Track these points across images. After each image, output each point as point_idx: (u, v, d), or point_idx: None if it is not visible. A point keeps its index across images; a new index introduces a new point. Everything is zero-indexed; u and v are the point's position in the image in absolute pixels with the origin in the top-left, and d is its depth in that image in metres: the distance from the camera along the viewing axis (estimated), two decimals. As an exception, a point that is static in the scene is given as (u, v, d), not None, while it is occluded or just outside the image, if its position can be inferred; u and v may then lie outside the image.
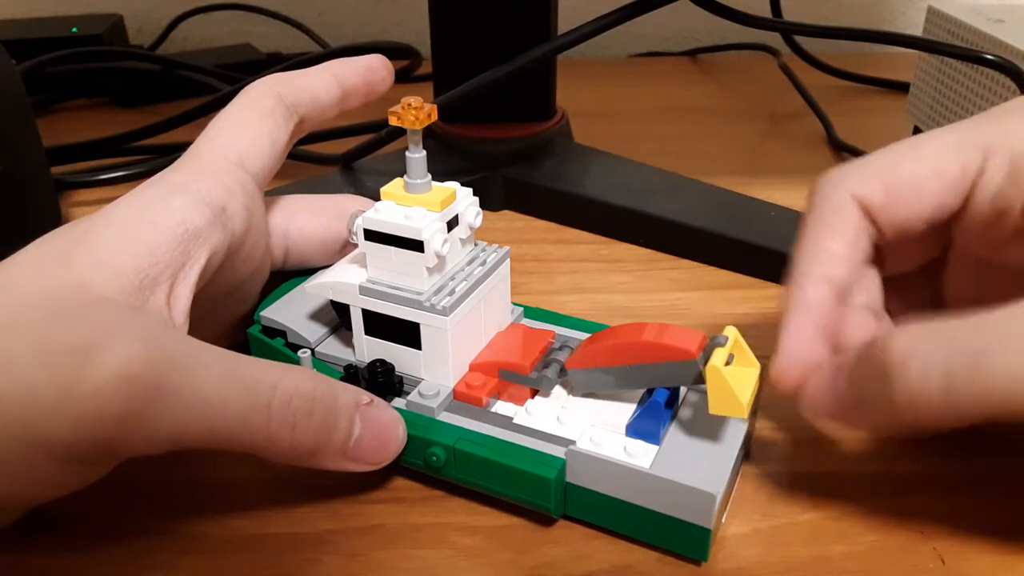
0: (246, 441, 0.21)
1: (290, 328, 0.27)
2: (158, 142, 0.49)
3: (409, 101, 0.24)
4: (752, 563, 0.23)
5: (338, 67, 0.29)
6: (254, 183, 0.26)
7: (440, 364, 0.25)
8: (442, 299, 0.24)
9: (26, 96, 0.37)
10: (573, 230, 0.42)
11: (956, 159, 0.24)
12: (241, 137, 0.27)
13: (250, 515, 0.24)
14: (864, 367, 0.21)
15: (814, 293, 0.24)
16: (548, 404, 0.25)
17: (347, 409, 0.23)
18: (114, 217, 0.23)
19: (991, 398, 0.19)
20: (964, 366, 0.19)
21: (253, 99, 0.28)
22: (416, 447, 0.24)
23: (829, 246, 0.24)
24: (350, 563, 0.23)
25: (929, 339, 0.19)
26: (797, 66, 0.60)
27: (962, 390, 0.19)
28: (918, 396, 0.19)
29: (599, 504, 0.23)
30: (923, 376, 0.19)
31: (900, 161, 0.24)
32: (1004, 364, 0.18)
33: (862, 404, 0.21)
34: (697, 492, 0.21)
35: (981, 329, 0.19)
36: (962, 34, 0.44)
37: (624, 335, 0.24)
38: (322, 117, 0.29)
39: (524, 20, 0.42)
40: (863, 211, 0.24)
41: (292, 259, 0.30)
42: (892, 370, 0.19)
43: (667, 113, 0.59)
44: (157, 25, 0.70)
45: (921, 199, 0.24)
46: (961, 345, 0.19)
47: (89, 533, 0.24)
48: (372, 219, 0.25)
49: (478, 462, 0.24)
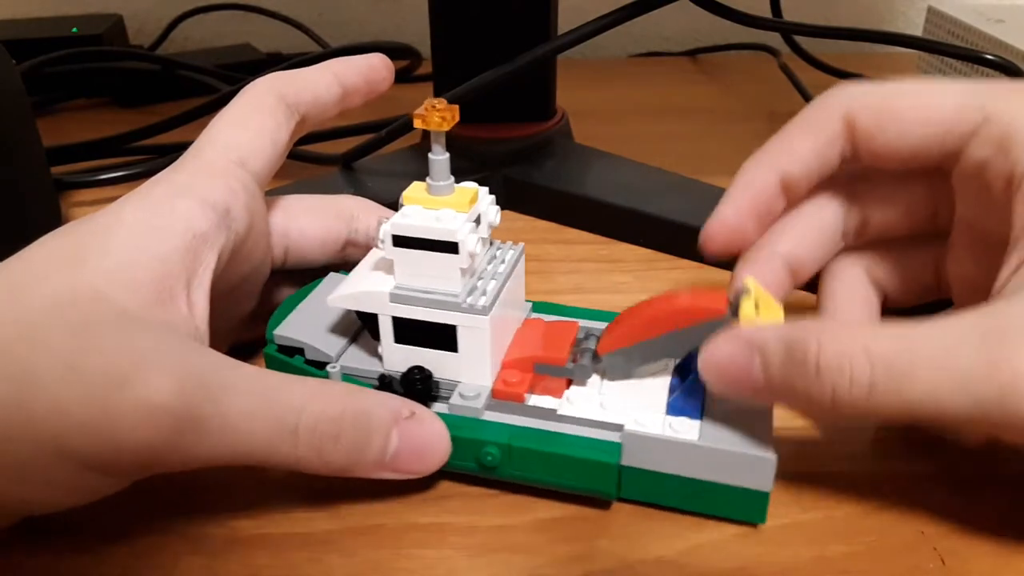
0: (276, 463, 0.22)
1: (308, 344, 0.26)
2: (158, 142, 0.49)
3: (433, 103, 0.24)
4: (752, 563, 0.23)
5: (339, 66, 0.29)
6: (255, 182, 0.26)
7: (478, 364, 0.25)
8: (478, 299, 0.24)
9: (26, 96, 0.37)
10: (573, 230, 0.42)
11: (953, 113, 0.24)
12: (242, 136, 0.27)
13: (250, 515, 0.24)
14: (793, 358, 0.21)
15: (760, 177, 0.25)
16: (587, 392, 0.26)
17: (382, 426, 0.23)
18: (123, 220, 0.23)
19: (904, 408, 0.20)
20: (888, 381, 0.20)
21: (254, 98, 0.28)
22: (465, 449, 0.24)
23: (794, 144, 0.25)
24: (350, 563, 0.23)
25: (859, 350, 0.20)
26: (797, 66, 0.60)
27: (882, 399, 0.20)
28: (842, 397, 0.20)
29: (655, 482, 0.24)
30: (850, 382, 0.20)
31: (899, 95, 0.24)
32: (923, 381, 0.20)
33: (785, 391, 0.22)
34: (757, 459, 0.22)
35: (907, 343, 0.20)
36: (962, 34, 0.44)
37: (648, 309, 0.25)
38: (323, 116, 0.29)
39: (524, 20, 0.42)
40: (848, 128, 0.25)
41: (292, 258, 0.30)
42: (823, 373, 0.20)
43: (667, 113, 0.59)
44: (157, 25, 0.70)
45: (904, 137, 0.24)
46: (889, 361, 0.20)
47: (89, 533, 0.24)
48: (401, 224, 0.24)
49: (536, 456, 0.24)
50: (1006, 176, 0.23)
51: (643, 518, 0.24)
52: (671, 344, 0.25)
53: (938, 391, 0.20)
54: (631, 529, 0.24)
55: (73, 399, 0.20)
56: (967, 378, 0.19)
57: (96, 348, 0.20)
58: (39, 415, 0.20)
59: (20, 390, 0.20)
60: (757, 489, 0.23)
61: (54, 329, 0.20)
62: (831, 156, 0.25)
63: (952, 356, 0.20)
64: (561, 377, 0.26)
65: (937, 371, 0.20)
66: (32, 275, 0.22)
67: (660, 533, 0.24)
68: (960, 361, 0.20)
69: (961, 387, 0.19)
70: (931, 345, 0.20)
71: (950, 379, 0.20)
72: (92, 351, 0.20)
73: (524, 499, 0.25)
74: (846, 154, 0.25)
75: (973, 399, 0.19)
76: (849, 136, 0.25)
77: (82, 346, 0.20)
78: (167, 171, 0.25)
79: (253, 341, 0.30)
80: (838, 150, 0.25)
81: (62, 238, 0.23)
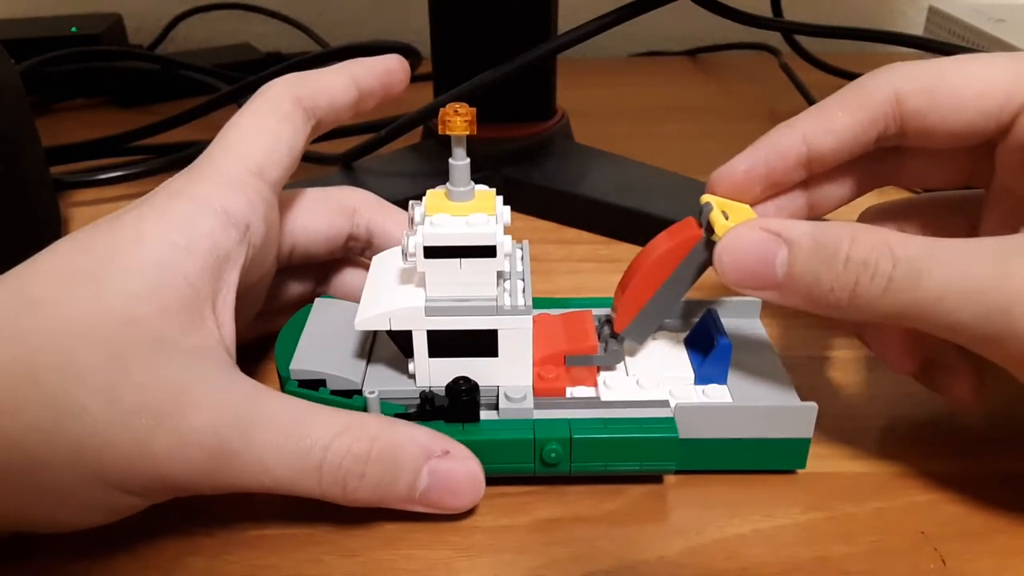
0: (301, 494, 0.22)
1: (329, 375, 0.25)
2: (157, 142, 0.49)
3: (456, 107, 0.24)
4: (752, 563, 0.23)
5: (356, 68, 0.29)
6: (272, 192, 0.26)
7: (519, 365, 0.25)
8: (516, 299, 0.24)
9: (25, 96, 0.37)
10: (573, 230, 0.42)
11: (1008, 84, 0.24)
12: (260, 144, 0.26)
13: (250, 515, 0.24)
14: (824, 252, 0.22)
15: (786, 143, 0.25)
16: (618, 375, 0.27)
17: (413, 463, 0.23)
18: (144, 236, 0.23)
19: (912, 309, 0.21)
20: (903, 279, 0.21)
21: (271, 101, 0.27)
22: (524, 451, 0.24)
23: (833, 118, 0.25)
24: (350, 563, 0.23)
25: (885, 248, 0.21)
26: (798, 66, 0.60)
27: (894, 296, 0.21)
28: (861, 291, 0.21)
29: (708, 449, 0.25)
30: (872, 276, 0.21)
31: (950, 72, 0.24)
32: (937, 283, 0.20)
33: (807, 285, 0.22)
34: (800, 409, 0.24)
35: (929, 248, 0.21)
36: (963, 34, 0.44)
37: (636, 270, 0.26)
38: (337, 120, 0.29)
39: (524, 20, 0.42)
40: (897, 107, 0.24)
41: (298, 255, 0.30)
42: (850, 265, 0.21)
43: (667, 113, 0.59)
44: (156, 24, 0.70)
45: (960, 114, 0.24)
46: (909, 261, 0.21)
47: (89, 534, 0.24)
48: (434, 234, 0.23)
49: (599, 445, 0.24)
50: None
51: (643, 518, 0.24)
52: (672, 289, 0.26)
53: (949, 294, 0.20)
54: (631, 529, 0.24)
55: (112, 429, 0.20)
56: (978, 285, 0.20)
57: (133, 381, 0.21)
58: (79, 444, 0.20)
59: (58, 418, 0.20)
60: (800, 437, 0.24)
61: (88, 355, 0.21)
62: (869, 136, 0.25)
63: (967, 263, 0.20)
64: (592, 365, 0.26)
65: (951, 275, 0.20)
66: (54, 291, 0.21)
67: (660, 533, 0.24)
68: (974, 268, 0.20)
69: (972, 293, 0.20)
70: (950, 253, 0.21)
71: (962, 284, 0.20)
72: (129, 384, 0.21)
73: (524, 499, 0.25)
74: (888, 133, 0.25)
75: (981, 307, 0.20)
76: (898, 115, 0.24)
77: (119, 377, 0.20)
78: (184, 179, 0.25)
79: (252, 341, 0.30)
80: (879, 129, 0.25)
81: (79, 252, 0.22)
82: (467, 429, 0.25)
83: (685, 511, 0.25)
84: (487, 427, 0.25)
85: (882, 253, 0.21)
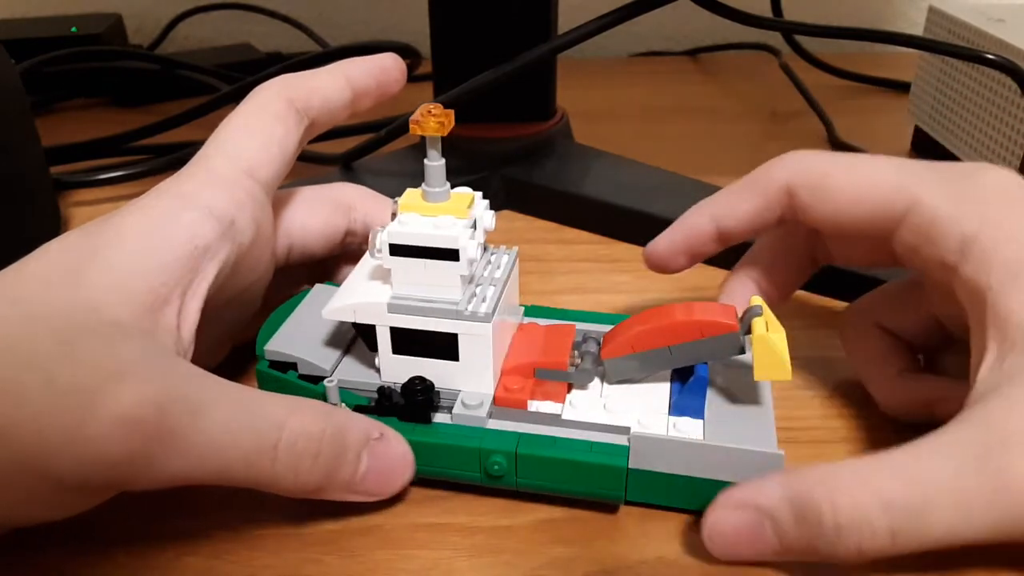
0: (250, 481, 0.22)
1: (300, 359, 0.26)
2: (157, 142, 0.49)
3: (429, 108, 0.23)
4: (752, 563, 0.23)
5: (350, 68, 0.28)
6: (263, 192, 0.26)
7: (480, 372, 0.25)
8: (479, 305, 0.24)
9: (25, 96, 0.37)
10: (573, 230, 0.42)
11: (883, 196, 0.25)
12: (251, 144, 0.26)
13: (250, 515, 0.24)
14: (808, 521, 0.21)
15: (698, 223, 0.28)
16: (589, 396, 0.26)
17: (356, 446, 0.23)
18: (124, 232, 0.23)
19: (929, 544, 0.20)
20: (905, 525, 0.20)
21: (263, 103, 0.27)
22: (470, 459, 0.24)
23: (736, 203, 0.27)
24: (350, 563, 0.23)
25: (873, 501, 0.20)
26: (798, 66, 0.60)
27: (905, 541, 0.20)
28: (868, 548, 0.20)
29: (663, 484, 0.23)
30: (872, 535, 0.20)
31: (835, 172, 0.26)
32: (937, 521, 0.20)
33: (807, 551, 0.21)
34: (766, 456, 0.23)
35: (917, 488, 0.20)
36: (963, 34, 0.44)
37: (658, 319, 0.25)
38: (333, 120, 0.29)
39: (524, 20, 0.42)
40: (788, 198, 0.26)
41: (296, 254, 0.30)
42: (844, 531, 0.20)
43: (667, 113, 0.59)
44: (156, 25, 0.70)
45: (838, 215, 0.25)
46: (901, 506, 0.20)
47: (90, 534, 0.24)
48: (399, 233, 0.24)
49: (544, 463, 0.24)
50: (938, 261, 0.24)
51: (643, 518, 0.24)
52: (678, 355, 0.25)
53: (956, 525, 0.20)
54: (631, 529, 0.24)
55: (49, 416, 0.19)
56: (978, 507, 0.20)
57: (75, 360, 0.20)
58: (16, 431, 0.19)
59: (1, 405, 0.19)
60: None
61: (39, 341, 0.20)
62: (769, 218, 0.27)
63: (959, 489, 0.20)
64: (562, 382, 0.26)
65: (949, 507, 0.20)
66: (32, 289, 0.21)
67: (660, 533, 0.24)
68: (968, 494, 0.20)
69: (976, 515, 0.20)
70: (937, 481, 0.20)
71: (964, 512, 0.20)
72: (70, 363, 0.20)
73: (524, 499, 0.25)
74: (787, 217, 0.27)
75: (991, 523, 0.20)
76: (789, 204, 0.26)
77: (62, 358, 0.20)
78: (173, 180, 0.25)
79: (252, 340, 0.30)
80: (776, 214, 0.27)
81: (62, 252, 0.23)
82: (418, 430, 0.24)
83: (691, 511, 0.24)
84: (437, 430, 0.24)
85: (871, 510, 0.20)
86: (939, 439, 0.21)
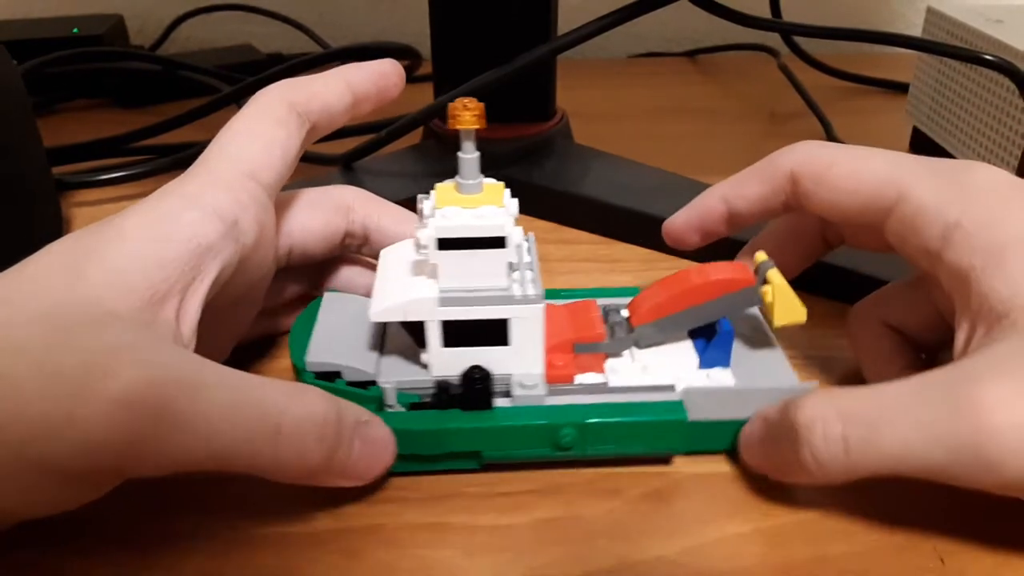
0: (250, 465, 0.21)
1: (345, 366, 0.26)
2: (159, 142, 0.49)
3: (464, 102, 0.24)
4: (752, 563, 0.23)
5: (350, 73, 0.29)
6: (266, 194, 0.26)
7: (530, 353, 0.26)
8: (527, 288, 0.25)
9: (27, 96, 0.37)
10: (573, 230, 0.42)
11: (874, 187, 0.25)
12: (253, 147, 0.26)
13: (250, 515, 0.24)
14: (780, 427, 0.23)
15: (711, 204, 0.30)
16: (624, 363, 0.27)
17: (350, 429, 0.23)
18: (126, 231, 0.23)
19: (884, 462, 0.21)
20: (859, 435, 0.21)
21: (265, 107, 0.27)
22: (539, 436, 0.25)
23: (747, 186, 0.29)
24: (350, 563, 0.23)
25: (831, 408, 0.22)
26: (797, 66, 0.60)
27: (859, 454, 0.21)
28: (822, 456, 0.22)
29: (714, 431, 0.26)
30: (825, 440, 0.21)
31: (836, 163, 0.26)
32: (891, 435, 0.21)
33: (781, 460, 0.23)
34: (802, 391, 0.24)
35: (876, 402, 0.21)
36: (961, 35, 0.44)
37: (680, 283, 0.27)
38: (333, 124, 0.29)
39: (524, 20, 0.42)
40: (792, 185, 0.27)
41: (296, 255, 0.30)
42: (800, 433, 0.22)
43: (667, 113, 0.59)
44: (158, 25, 0.71)
45: (835, 204, 0.26)
46: (858, 416, 0.21)
47: (90, 533, 0.24)
48: (447, 227, 0.24)
49: (612, 428, 0.25)
50: (923, 250, 0.24)
51: (643, 518, 0.24)
52: (702, 313, 0.27)
53: (910, 442, 0.20)
54: (631, 529, 0.24)
55: (43, 404, 0.19)
56: (936, 428, 0.20)
57: (69, 348, 0.20)
58: (10, 420, 0.19)
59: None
60: None
61: (33, 332, 0.20)
62: (773, 203, 0.28)
63: (918, 406, 0.21)
64: (599, 353, 0.27)
65: (905, 424, 0.21)
66: (30, 286, 0.22)
67: (660, 533, 0.24)
68: (926, 410, 0.20)
69: (932, 437, 0.20)
70: (898, 399, 0.21)
71: (919, 429, 0.20)
72: (65, 352, 0.20)
73: (524, 499, 0.25)
74: (791, 204, 0.28)
75: (946, 448, 0.20)
76: (793, 192, 0.27)
77: (54, 345, 0.20)
78: (176, 183, 0.25)
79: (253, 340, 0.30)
80: (782, 200, 0.28)
81: (64, 250, 0.23)
82: (483, 416, 0.25)
83: (685, 511, 0.25)
84: (502, 414, 0.25)
85: (826, 414, 0.22)
86: (914, 376, 0.22)
